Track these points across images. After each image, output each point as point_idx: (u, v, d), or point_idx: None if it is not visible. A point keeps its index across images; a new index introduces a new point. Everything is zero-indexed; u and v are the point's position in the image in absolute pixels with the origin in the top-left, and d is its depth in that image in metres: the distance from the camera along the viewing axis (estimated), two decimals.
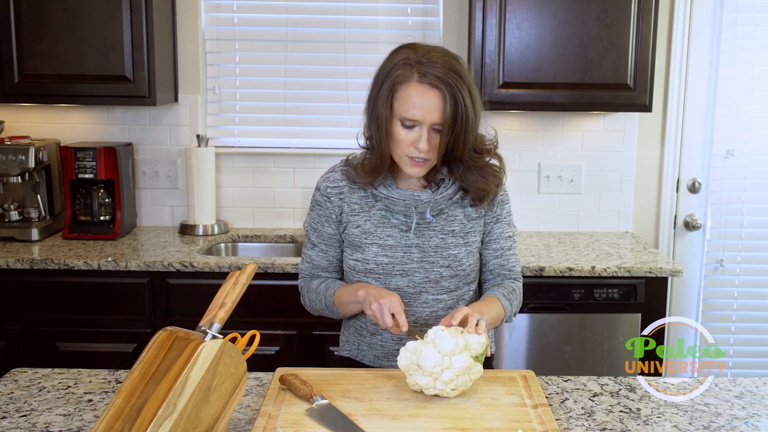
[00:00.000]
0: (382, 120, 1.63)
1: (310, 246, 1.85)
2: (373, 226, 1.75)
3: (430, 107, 1.58)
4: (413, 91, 1.59)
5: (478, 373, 1.51)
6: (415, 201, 1.71)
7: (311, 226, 1.83)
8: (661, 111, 3.20)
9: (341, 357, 1.91)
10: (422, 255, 1.73)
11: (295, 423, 1.40)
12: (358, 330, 1.84)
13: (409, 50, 1.63)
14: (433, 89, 1.58)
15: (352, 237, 1.77)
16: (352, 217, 1.77)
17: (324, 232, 1.81)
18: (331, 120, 3.23)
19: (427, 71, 1.58)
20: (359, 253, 1.76)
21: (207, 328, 1.29)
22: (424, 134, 1.60)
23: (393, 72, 1.62)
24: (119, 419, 1.20)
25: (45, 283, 2.65)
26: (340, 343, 1.94)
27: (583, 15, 2.78)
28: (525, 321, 2.69)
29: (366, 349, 1.83)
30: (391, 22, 3.18)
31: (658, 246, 3.28)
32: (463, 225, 1.76)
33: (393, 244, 1.73)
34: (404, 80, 1.60)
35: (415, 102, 1.58)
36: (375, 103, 1.65)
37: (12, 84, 2.83)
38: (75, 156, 2.93)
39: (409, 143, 1.62)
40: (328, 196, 1.79)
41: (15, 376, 1.65)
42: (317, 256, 1.84)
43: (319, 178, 1.85)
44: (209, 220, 3.11)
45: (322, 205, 1.81)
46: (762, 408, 1.55)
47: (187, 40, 3.14)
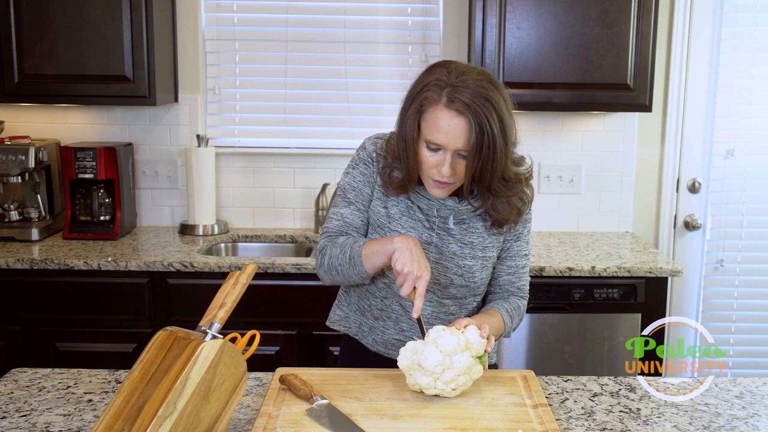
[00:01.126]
0: (410, 140, 1.60)
1: (344, 204, 1.74)
2: (398, 212, 1.72)
3: (455, 133, 1.54)
4: (440, 114, 1.55)
5: (478, 373, 1.51)
6: (439, 203, 1.69)
7: (350, 184, 1.75)
8: (661, 111, 3.21)
9: (337, 334, 1.87)
10: (439, 257, 1.72)
11: (295, 423, 1.40)
12: (362, 310, 1.81)
13: (444, 70, 1.58)
14: (460, 116, 1.53)
15: (376, 216, 1.73)
16: (382, 196, 1.73)
17: (363, 191, 1.73)
18: (331, 120, 3.23)
19: (456, 96, 1.53)
20: (378, 236, 1.72)
21: (207, 328, 1.29)
22: (447, 159, 1.57)
23: (423, 92, 1.57)
24: (119, 419, 1.20)
25: (45, 283, 2.65)
26: (333, 317, 1.87)
27: (583, 15, 2.78)
28: (525, 321, 2.69)
29: (367, 330, 1.81)
30: (391, 22, 3.18)
31: (658, 246, 3.28)
32: (482, 239, 1.74)
33: (414, 236, 1.70)
34: (432, 103, 1.56)
35: (441, 126, 1.55)
36: (403, 122, 1.61)
37: (12, 84, 2.83)
38: (75, 156, 2.93)
39: (432, 165, 1.60)
40: (372, 159, 1.73)
41: (15, 376, 1.65)
42: (351, 214, 1.73)
43: (366, 140, 1.77)
44: (209, 220, 3.11)
45: (368, 165, 1.73)
46: (762, 408, 1.56)
47: (187, 40, 3.14)
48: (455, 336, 1.48)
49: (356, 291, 1.81)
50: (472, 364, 1.49)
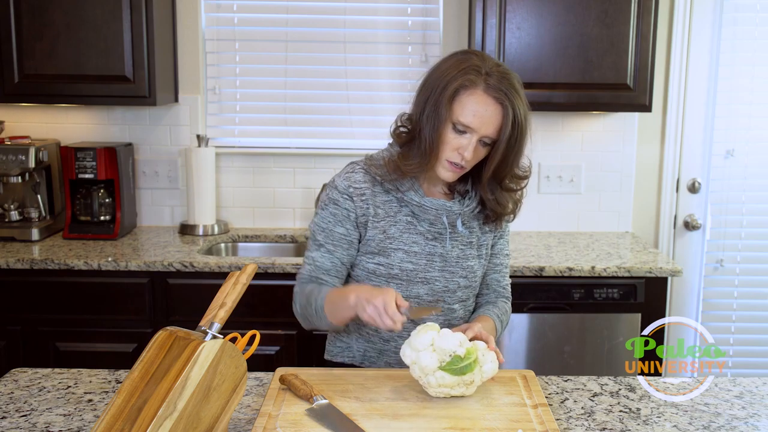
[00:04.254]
0: (441, 119, 1.60)
1: (314, 247, 1.74)
2: (398, 231, 1.71)
3: (488, 119, 1.58)
4: (477, 98, 1.57)
5: (487, 373, 1.51)
6: (447, 211, 1.70)
7: (319, 225, 1.74)
8: (661, 111, 3.21)
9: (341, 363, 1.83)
10: (443, 264, 1.73)
11: (295, 423, 1.40)
12: (366, 337, 1.78)
13: (475, 57, 1.62)
14: (497, 103, 1.57)
15: (376, 242, 1.71)
16: (377, 222, 1.71)
17: (334, 231, 1.72)
18: (331, 120, 3.23)
19: (494, 84, 1.57)
20: (383, 258, 1.71)
21: (207, 328, 1.29)
22: (472, 143, 1.59)
23: (460, 75, 1.59)
24: (119, 419, 1.20)
25: (45, 283, 2.65)
26: (333, 350, 1.84)
27: (583, 15, 2.78)
28: (525, 321, 2.69)
29: (375, 356, 1.78)
30: (391, 22, 3.18)
31: (658, 246, 3.28)
32: (478, 237, 1.77)
33: (418, 251, 1.71)
34: (471, 86, 1.58)
35: (476, 110, 1.57)
36: (436, 101, 1.60)
37: (12, 84, 2.83)
38: (75, 156, 2.93)
39: (454, 148, 1.61)
40: (349, 196, 1.70)
41: (15, 376, 1.65)
42: (321, 257, 1.73)
43: (334, 177, 1.76)
44: (209, 220, 3.11)
45: (340, 204, 1.71)
46: (762, 408, 1.56)
47: (187, 40, 3.14)
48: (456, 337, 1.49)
49: (353, 321, 1.71)
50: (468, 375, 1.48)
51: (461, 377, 1.46)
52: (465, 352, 1.47)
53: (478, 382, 1.50)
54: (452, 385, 1.46)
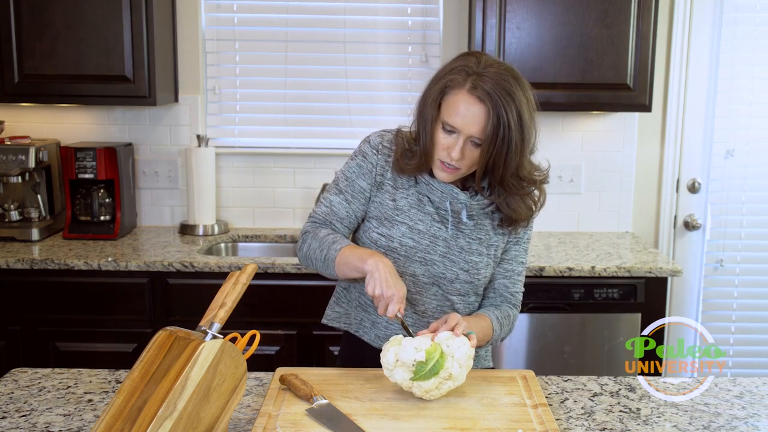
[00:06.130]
0: (429, 119, 1.64)
1: (335, 192, 1.77)
2: (407, 204, 1.73)
3: (472, 119, 1.58)
4: (461, 98, 1.59)
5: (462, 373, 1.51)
6: (452, 196, 1.71)
7: (345, 174, 1.77)
8: (661, 111, 3.21)
9: (335, 331, 1.87)
10: (446, 250, 1.73)
11: (295, 423, 1.40)
12: (364, 306, 1.80)
13: (473, 58, 1.63)
14: (480, 103, 1.58)
15: (384, 208, 1.74)
16: (390, 189, 1.74)
17: (356, 183, 1.75)
18: (331, 120, 3.23)
19: (480, 84, 1.58)
20: (385, 228, 1.73)
21: (207, 328, 1.29)
22: (459, 143, 1.61)
23: (448, 75, 1.62)
24: (119, 419, 1.20)
25: (45, 283, 2.65)
26: (331, 314, 1.87)
27: (583, 15, 2.78)
28: (525, 321, 2.69)
29: (369, 326, 1.80)
30: (391, 22, 3.18)
31: (658, 246, 3.28)
32: (489, 236, 1.76)
33: (422, 229, 1.72)
34: (456, 86, 1.60)
35: (459, 110, 1.59)
36: (425, 102, 1.66)
37: (12, 84, 2.83)
38: (75, 156, 2.93)
39: (444, 147, 1.63)
40: (377, 151, 1.75)
41: (15, 376, 1.66)
42: (339, 204, 1.75)
43: (372, 133, 1.80)
44: (209, 220, 3.11)
45: (368, 157, 1.75)
46: (762, 408, 1.56)
47: (187, 40, 3.14)
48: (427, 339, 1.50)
49: (356, 287, 1.81)
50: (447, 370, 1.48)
51: (436, 377, 1.46)
52: (425, 355, 1.46)
53: (459, 370, 1.48)
54: (434, 386, 1.47)
